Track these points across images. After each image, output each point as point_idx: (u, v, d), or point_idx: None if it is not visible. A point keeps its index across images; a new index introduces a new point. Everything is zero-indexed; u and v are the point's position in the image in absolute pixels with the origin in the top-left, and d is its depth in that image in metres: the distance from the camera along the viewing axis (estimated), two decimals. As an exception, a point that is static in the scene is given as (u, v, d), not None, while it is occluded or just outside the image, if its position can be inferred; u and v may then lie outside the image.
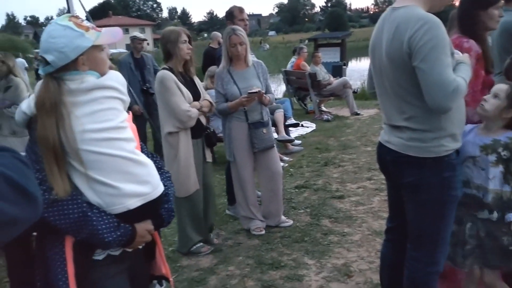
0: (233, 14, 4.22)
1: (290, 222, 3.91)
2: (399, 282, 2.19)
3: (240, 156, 3.70)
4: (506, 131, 2.15)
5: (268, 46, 43.07)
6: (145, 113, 5.62)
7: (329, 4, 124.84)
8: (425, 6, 1.88)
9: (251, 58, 3.70)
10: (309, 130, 7.85)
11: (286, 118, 6.50)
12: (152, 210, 1.56)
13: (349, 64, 16.79)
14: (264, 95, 3.60)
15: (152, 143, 6.16)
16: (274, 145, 3.82)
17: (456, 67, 1.88)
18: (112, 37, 1.55)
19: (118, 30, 1.58)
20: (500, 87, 2.16)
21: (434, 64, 1.74)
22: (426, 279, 2.06)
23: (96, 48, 1.49)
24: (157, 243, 1.73)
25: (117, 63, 6.19)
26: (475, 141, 2.19)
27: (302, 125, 7.92)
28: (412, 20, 1.80)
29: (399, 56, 1.83)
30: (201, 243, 3.51)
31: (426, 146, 1.90)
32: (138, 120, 5.51)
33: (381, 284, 2.49)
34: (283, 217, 3.94)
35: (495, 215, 2.16)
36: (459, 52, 2.04)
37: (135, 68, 5.98)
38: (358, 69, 15.75)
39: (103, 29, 1.54)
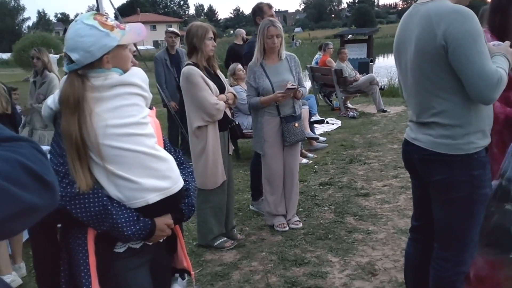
0: (263, 10, 4.22)
1: (300, 225, 3.84)
2: (424, 282, 2.15)
3: (271, 151, 3.69)
4: None
5: (300, 41, 42.84)
6: (171, 110, 5.67)
7: (356, 0, 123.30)
8: (452, 1, 1.83)
9: (284, 52, 3.70)
10: (334, 127, 7.78)
11: (311, 114, 6.47)
12: (172, 204, 1.57)
13: (376, 60, 16.56)
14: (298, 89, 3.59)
15: (180, 138, 6.21)
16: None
17: (492, 58, 1.83)
18: (137, 35, 1.57)
19: (141, 27, 1.59)
20: None
21: (476, 57, 1.72)
22: (454, 279, 2.01)
23: (121, 46, 1.51)
24: (179, 237, 1.74)
25: (153, 59, 6.20)
26: None
27: (327, 122, 7.87)
28: (447, 12, 1.76)
29: (432, 49, 1.79)
30: (225, 238, 3.53)
31: (455, 143, 1.85)
32: (172, 116, 5.56)
33: (406, 283, 2.44)
34: (296, 217, 3.92)
35: None
36: (500, 43, 1.98)
37: (170, 64, 5.95)
38: (385, 66, 15.49)
39: (128, 25, 1.56)
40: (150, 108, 1.62)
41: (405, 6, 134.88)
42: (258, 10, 4.22)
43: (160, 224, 1.54)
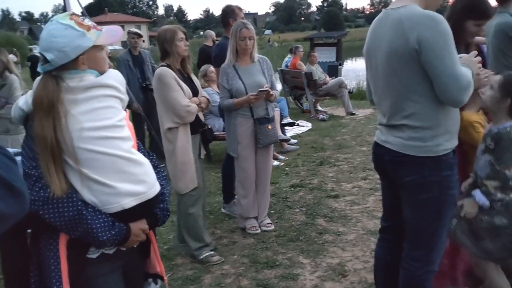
0: (235, 12, 4.22)
1: (272, 227, 3.85)
2: (394, 282, 2.19)
3: (244, 153, 3.69)
4: (508, 121, 2.20)
5: (276, 44, 42.86)
6: (141, 111, 5.60)
7: (325, 4, 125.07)
8: (421, 6, 1.89)
9: (256, 54, 3.71)
10: (305, 129, 7.85)
11: (282, 117, 6.50)
12: (147, 209, 1.55)
13: (345, 64, 16.82)
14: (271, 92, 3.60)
15: (148, 140, 6.13)
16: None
17: None
18: (112, 37, 1.55)
19: (118, 30, 1.58)
20: (495, 79, 2.24)
21: (448, 59, 1.79)
22: (423, 278, 2.06)
23: (96, 47, 1.49)
24: (152, 242, 1.72)
25: (115, 60, 6.12)
26: (486, 130, 2.29)
27: (298, 124, 7.93)
28: (418, 17, 1.82)
29: (404, 53, 1.84)
30: (212, 252, 3.41)
31: (425, 145, 1.91)
32: (136, 118, 5.49)
33: (376, 283, 2.48)
34: (268, 219, 3.93)
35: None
36: (464, 54, 2.06)
37: (133, 65, 5.88)
38: (354, 69, 15.77)
39: (104, 27, 1.54)
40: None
41: (372, 10, 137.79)
42: (231, 12, 4.21)
43: (135, 230, 1.52)
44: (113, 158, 1.44)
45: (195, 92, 3.29)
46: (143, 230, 1.56)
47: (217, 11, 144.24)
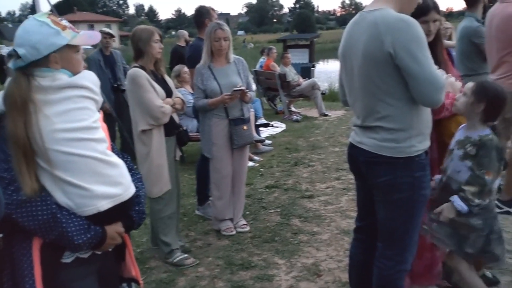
0: (210, 13, 4.19)
1: (247, 228, 3.85)
2: (368, 281, 2.22)
3: (219, 154, 3.66)
4: (486, 128, 2.26)
5: (252, 45, 42.78)
6: (113, 111, 5.51)
7: (297, 6, 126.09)
8: (395, 9, 1.92)
9: (232, 55, 3.69)
10: (279, 130, 7.89)
11: (256, 118, 6.52)
12: (123, 212, 1.53)
13: (317, 65, 17.01)
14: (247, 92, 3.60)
15: (119, 141, 6.04)
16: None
17: None
18: (89, 39, 1.54)
19: (96, 33, 1.58)
20: (468, 85, 2.30)
21: (425, 61, 1.83)
22: (395, 277, 2.10)
23: (72, 48, 1.48)
24: (127, 245, 1.70)
25: (86, 60, 6.00)
26: (458, 136, 2.34)
27: (272, 125, 7.96)
28: (393, 20, 1.85)
29: (379, 56, 1.87)
30: (186, 255, 3.37)
31: (398, 146, 1.94)
32: (107, 118, 5.40)
33: (350, 283, 2.51)
34: (243, 220, 3.93)
35: None
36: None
37: (104, 65, 5.80)
38: (326, 71, 15.98)
39: (82, 31, 1.53)
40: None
41: (343, 12, 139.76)
42: (206, 13, 4.19)
43: (111, 232, 1.50)
44: (88, 160, 1.42)
45: (169, 93, 3.25)
46: (119, 233, 1.54)
47: (189, 11, 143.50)
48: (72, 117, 1.41)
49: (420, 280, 2.60)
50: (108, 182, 1.45)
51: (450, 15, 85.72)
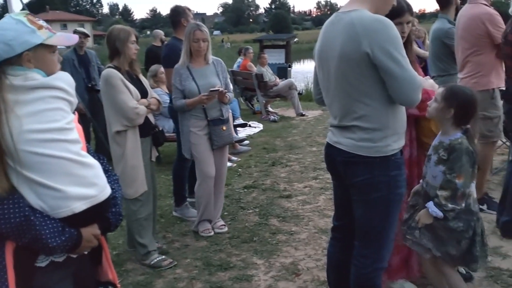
0: (186, 12, 4.16)
1: (226, 229, 3.83)
2: (346, 279, 2.24)
3: (202, 154, 3.63)
4: (458, 132, 2.28)
5: (229, 44, 42.64)
6: (88, 112, 5.41)
7: (273, 6, 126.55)
8: (371, 10, 1.95)
9: (211, 56, 3.68)
10: (256, 130, 7.89)
11: (234, 118, 6.52)
12: (99, 213, 1.50)
13: (293, 66, 17.12)
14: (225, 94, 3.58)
15: (94, 142, 5.94)
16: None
17: None
18: (66, 40, 1.53)
19: (73, 36, 1.57)
20: (439, 91, 2.32)
21: (402, 62, 1.85)
22: (373, 275, 2.12)
23: (47, 48, 1.46)
24: (104, 248, 1.67)
25: (59, 60, 5.89)
26: (435, 141, 2.36)
27: (249, 125, 7.96)
28: (370, 21, 1.86)
29: (356, 56, 1.88)
30: (163, 256, 3.34)
31: (375, 146, 1.96)
32: (82, 119, 5.31)
33: (328, 281, 2.53)
34: (222, 221, 3.91)
35: None
36: None
37: (79, 65, 5.72)
38: (302, 71, 16.05)
39: (59, 33, 1.51)
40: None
41: (319, 13, 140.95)
42: (182, 12, 4.16)
43: (86, 235, 1.47)
44: (61, 161, 1.39)
45: (144, 94, 3.22)
46: (95, 235, 1.51)
47: (164, 11, 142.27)
48: (45, 118, 1.38)
49: (397, 275, 2.64)
50: (82, 183, 1.42)
51: (423, 17, 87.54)
